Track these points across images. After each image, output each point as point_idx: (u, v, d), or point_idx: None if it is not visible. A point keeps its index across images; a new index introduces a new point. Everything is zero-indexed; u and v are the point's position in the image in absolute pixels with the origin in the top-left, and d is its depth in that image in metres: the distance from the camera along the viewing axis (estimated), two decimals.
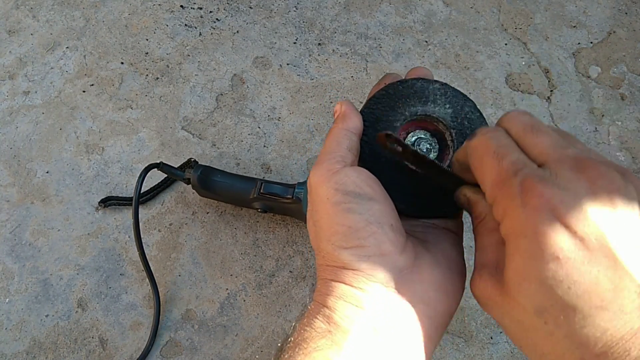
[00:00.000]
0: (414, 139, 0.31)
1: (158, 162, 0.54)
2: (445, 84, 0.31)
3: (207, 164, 0.58)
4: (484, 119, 0.31)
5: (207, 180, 0.55)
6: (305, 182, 0.53)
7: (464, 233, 0.31)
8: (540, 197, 0.19)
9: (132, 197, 0.59)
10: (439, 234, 0.30)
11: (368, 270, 0.26)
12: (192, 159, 0.60)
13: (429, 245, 0.28)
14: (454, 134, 0.30)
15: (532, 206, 0.20)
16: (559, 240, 0.19)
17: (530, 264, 0.20)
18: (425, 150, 0.31)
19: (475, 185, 0.26)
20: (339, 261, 0.26)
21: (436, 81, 0.31)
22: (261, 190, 0.53)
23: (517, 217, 0.20)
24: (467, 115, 0.31)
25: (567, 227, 0.19)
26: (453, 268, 0.28)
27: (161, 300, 0.55)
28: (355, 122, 0.30)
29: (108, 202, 0.59)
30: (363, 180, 0.27)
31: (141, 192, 0.54)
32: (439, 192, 0.30)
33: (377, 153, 0.31)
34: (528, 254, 0.20)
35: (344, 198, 0.26)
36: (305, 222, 0.56)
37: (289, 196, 0.52)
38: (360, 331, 0.25)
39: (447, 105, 0.31)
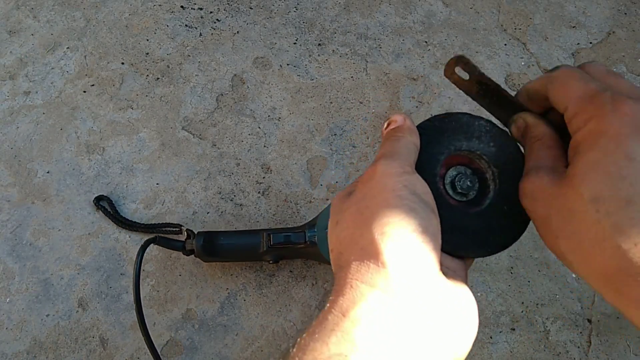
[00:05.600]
0: (454, 173, 0.31)
1: (154, 236, 0.50)
2: (491, 121, 0.31)
3: (206, 229, 0.55)
4: None
5: (212, 247, 0.52)
6: (314, 221, 0.51)
7: None
8: (629, 107, 0.23)
9: (123, 219, 0.58)
10: (454, 276, 0.29)
11: (406, 271, 0.24)
12: (183, 227, 0.56)
13: (450, 279, 0.28)
14: (495, 173, 0.30)
15: (622, 112, 0.23)
16: (635, 144, 0.22)
17: (604, 159, 0.22)
18: (465, 187, 0.30)
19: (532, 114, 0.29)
20: (379, 254, 0.24)
21: (482, 118, 0.31)
22: (271, 242, 0.50)
23: (603, 119, 0.23)
24: (510, 156, 0.30)
25: None
26: (471, 304, 0.27)
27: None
28: (418, 140, 0.30)
29: (100, 203, 0.59)
30: (429, 194, 0.27)
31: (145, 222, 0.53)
32: (478, 230, 0.29)
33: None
34: (604, 150, 0.23)
35: (411, 197, 0.26)
36: (323, 261, 0.54)
37: (302, 242, 0.50)
38: (380, 354, 0.22)
39: (492, 144, 0.31)
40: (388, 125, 0.31)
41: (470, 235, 0.29)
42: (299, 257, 0.56)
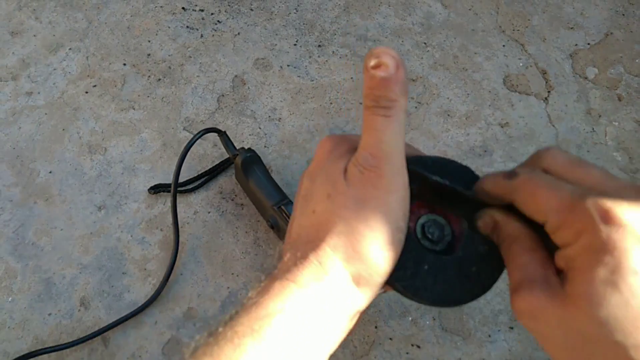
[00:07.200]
0: (432, 218, 0.29)
1: (223, 130, 0.58)
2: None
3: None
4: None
5: (249, 167, 0.56)
6: None
7: None
8: (621, 216, 0.21)
9: (180, 183, 0.60)
10: None
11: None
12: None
13: None
14: (466, 233, 0.29)
15: (614, 223, 0.21)
16: (638, 256, 0.21)
17: (611, 277, 0.21)
18: (436, 236, 0.29)
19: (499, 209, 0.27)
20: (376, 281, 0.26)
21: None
22: (281, 205, 0.53)
23: (597, 234, 0.21)
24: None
25: None
26: None
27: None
28: (407, 103, 0.28)
29: (157, 189, 0.61)
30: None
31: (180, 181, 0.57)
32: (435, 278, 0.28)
33: None
34: (609, 267, 0.21)
35: (401, 235, 0.27)
36: None
37: None
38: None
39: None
40: (377, 66, 0.26)
41: (426, 281, 0.27)
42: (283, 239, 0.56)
